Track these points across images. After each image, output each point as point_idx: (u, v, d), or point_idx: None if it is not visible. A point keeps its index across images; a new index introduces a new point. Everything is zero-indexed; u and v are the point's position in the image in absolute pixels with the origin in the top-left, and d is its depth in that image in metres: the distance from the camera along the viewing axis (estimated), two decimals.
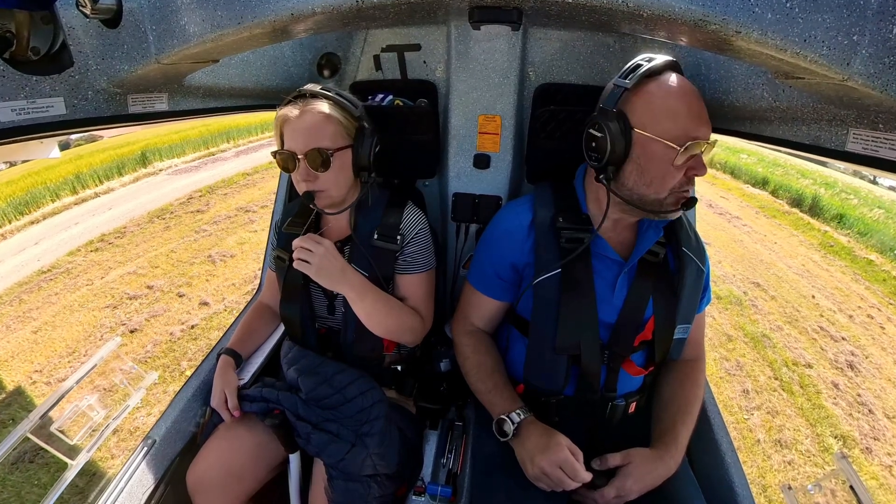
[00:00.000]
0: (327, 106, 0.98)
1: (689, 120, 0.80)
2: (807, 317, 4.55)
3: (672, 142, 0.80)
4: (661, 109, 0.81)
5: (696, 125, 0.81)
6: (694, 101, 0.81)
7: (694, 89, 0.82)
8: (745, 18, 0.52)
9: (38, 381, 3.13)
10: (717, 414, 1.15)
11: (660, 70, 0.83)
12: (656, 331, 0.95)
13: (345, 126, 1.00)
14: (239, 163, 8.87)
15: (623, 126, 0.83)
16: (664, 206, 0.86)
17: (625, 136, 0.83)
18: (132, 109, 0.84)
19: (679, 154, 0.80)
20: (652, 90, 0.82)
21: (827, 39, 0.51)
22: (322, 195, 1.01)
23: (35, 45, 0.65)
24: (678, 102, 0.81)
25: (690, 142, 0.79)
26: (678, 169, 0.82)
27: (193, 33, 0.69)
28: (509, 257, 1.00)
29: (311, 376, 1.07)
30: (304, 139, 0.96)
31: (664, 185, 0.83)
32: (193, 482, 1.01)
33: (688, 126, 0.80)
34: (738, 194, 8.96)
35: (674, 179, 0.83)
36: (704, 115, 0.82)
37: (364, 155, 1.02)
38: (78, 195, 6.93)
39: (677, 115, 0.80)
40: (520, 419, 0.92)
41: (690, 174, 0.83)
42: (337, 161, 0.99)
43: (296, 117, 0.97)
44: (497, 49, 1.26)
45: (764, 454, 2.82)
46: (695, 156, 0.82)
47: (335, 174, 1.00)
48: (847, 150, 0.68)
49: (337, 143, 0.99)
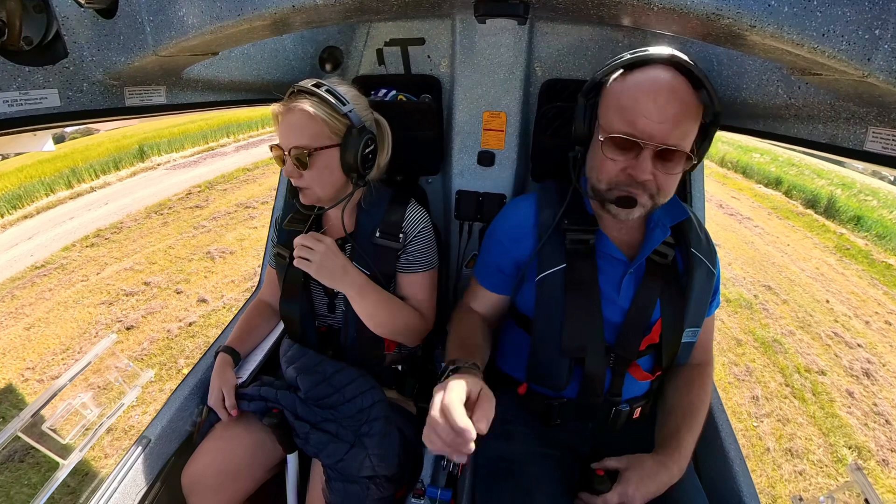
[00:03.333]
0: (311, 104, 0.98)
1: (635, 117, 0.79)
2: (820, 322, 4.51)
3: (606, 133, 0.83)
4: (613, 102, 0.84)
5: (641, 125, 0.79)
6: (659, 100, 0.78)
7: (673, 90, 0.79)
8: (760, 12, 0.51)
9: (31, 378, 3.15)
10: (725, 420, 1.15)
11: (641, 63, 0.83)
12: (664, 334, 0.94)
13: (330, 125, 0.99)
14: (239, 158, 8.90)
15: (588, 113, 0.89)
16: (607, 198, 0.87)
17: (587, 123, 0.89)
18: (129, 102, 0.84)
19: (602, 145, 0.83)
20: (617, 82, 0.85)
21: (847, 34, 0.50)
22: (306, 192, 1.03)
23: (27, 35, 0.65)
24: (631, 98, 0.80)
25: (616, 135, 0.81)
26: (612, 162, 0.84)
27: (192, 25, 0.69)
28: (512, 254, 1.00)
29: (310, 375, 1.07)
30: (289, 136, 0.99)
31: (602, 175, 0.87)
32: (189, 482, 1.02)
33: (631, 122, 0.80)
34: (750, 194, 8.90)
35: (609, 172, 0.85)
36: (669, 118, 0.78)
37: (351, 156, 1.00)
38: (73, 189, 6.98)
39: (625, 109, 0.81)
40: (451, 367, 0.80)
41: (627, 172, 0.83)
42: (319, 160, 0.99)
43: (283, 114, 0.99)
44: (503, 43, 1.25)
45: (774, 463, 2.80)
46: (637, 155, 0.81)
47: (318, 173, 1.01)
48: (866, 150, 0.67)
49: (319, 143, 0.99)
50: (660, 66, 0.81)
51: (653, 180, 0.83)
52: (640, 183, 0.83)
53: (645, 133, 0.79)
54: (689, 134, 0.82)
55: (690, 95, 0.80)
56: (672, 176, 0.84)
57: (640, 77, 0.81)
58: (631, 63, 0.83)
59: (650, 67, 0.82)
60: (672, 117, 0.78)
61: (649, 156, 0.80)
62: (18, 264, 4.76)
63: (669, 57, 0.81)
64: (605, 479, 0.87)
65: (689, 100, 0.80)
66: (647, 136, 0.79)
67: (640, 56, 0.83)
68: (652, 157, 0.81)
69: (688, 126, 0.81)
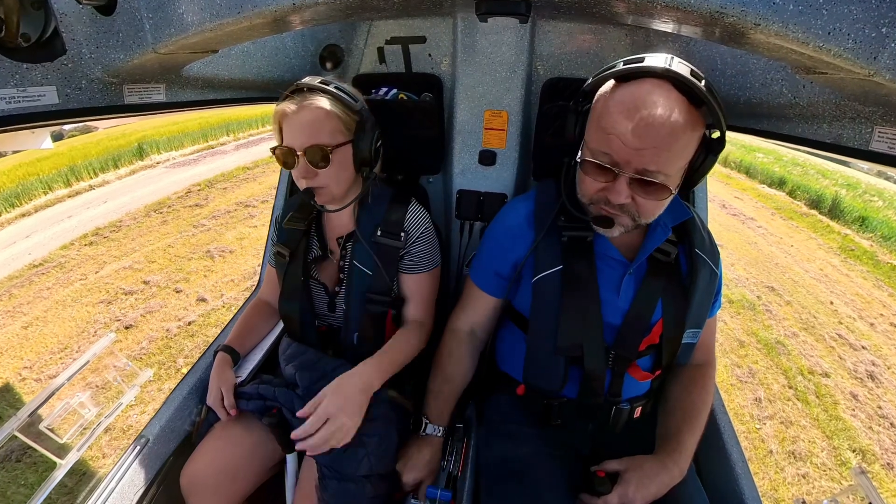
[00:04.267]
0: (326, 101, 0.98)
1: (611, 141, 0.76)
2: (824, 324, 4.51)
3: (588, 152, 0.82)
4: (596, 118, 0.81)
5: (617, 149, 0.75)
6: (640, 125, 0.72)
7: (660, 113, 0.72)
8: (764, 10, 0.51)
9: (28, 377, 3.15)
10: (727, 422, 1.15)
11: (633, 75, 0.77)
12: (664, 334, 0.94)
13: (344, 121, 1.00)
14: (239, 156, 8.92)
15: (579, 121, 0.87)
16: (589, 214, 0.87)
17: (578, 131, 0.87)
18: (128, 100, 0.84)
19: (580, 166, 0.82)
20: (604, 96, 0.80)
21: (853, 32, 0.50)
22: (322, 192, 1.01)
23: (25, 32, 0.65)
24: (612, 121, 0.76)
25: (591, 160, 0.79)
26: (593, 182, 0.82)
27: (191, 22, 0.69)
28: (511, 255, 1.00)
29: (309, 372, 1.07)
30: (303, 136, 0.96)
31: (583, 190, 0.86)
32: (187, 482, 1.02)
33: (606, 145, 0.77)
34: (753, 195, 8.90)
35: (588, 189, 0.84)
36: (650, 144, 0.73)
37: (365, 150, 1.02)
38: (72, 187, 7.00)
39: (603, 131, 0.77)
40: (429, 432, 1.04)
41: (602, 193, 0.82)
42: (336, 157, 0.99)
43: (294, 113, 0.97)
44: (504, 42, 1.25)
45: (777, 466, 2.80)
46: (614, 178, 0.78)
47: (335, 171, 1.00)
48: (871, 150, 0.67)
49: (336, 140, 0.99)
50: (653, 81, 0.75)
51: (632, 203, 0.80)
52: (618, 205, 0.81)
53: (621, 159, 0.76)
54: (677, 158, 0.76)
55: (686, 115, 0.73)
56: (654, 202, 0.80)
57: (627, 95, 0.75)
58: (624, 74, 0.78)
59: (643, 81, 0.75)
60: (654, 143, 0.73)
61: (625, 181, 0.77)
62: (16, 263, 4.77)
63: (664, 71, 0.74)
64: (605, 480, 0.88)
65: (685, 120, 0.73)
66: (622, 162, 0.76)
67: (633, 68, 0.77)
68: (629, 182, 0.78)
69: (675, 151, 0.75)
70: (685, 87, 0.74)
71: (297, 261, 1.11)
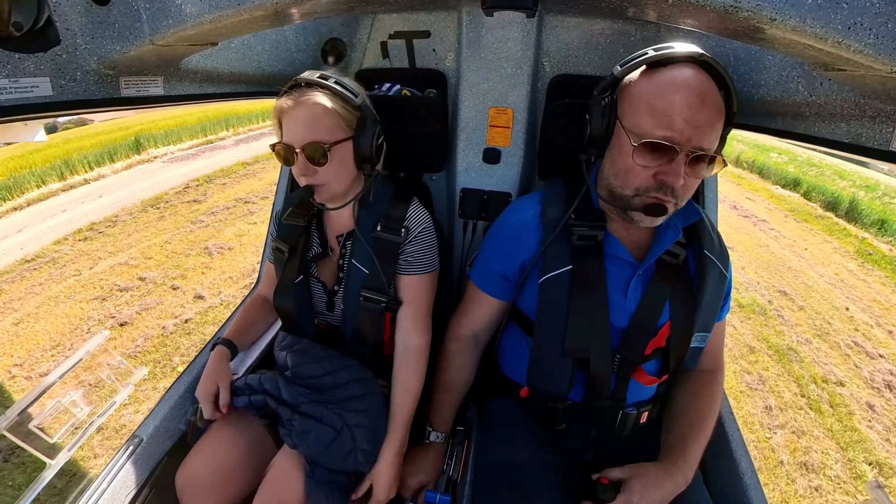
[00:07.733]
0: (325, 97, 0.98)
1: (669, 119, 0.77)
2: (839, 330, 4.47)
3: (638, 136, 0.80)
4: (641, 101, 0.81)
5: (679, 128, 0.76)
6: (693, 102, 0.76)
7: (706, 92, 0.77)
8: (781, 4, 0.51)
9: (18, 375, 3.16)
10: (735, 430, 1.14)
11: (669, 61, 0.80)
12: (671, 338, 0.94)
13: (344, 117, 0.99)
14: (238, 152, 8.95)
15: (607, 113, 0.85)
16: (631, 205, 0.86)
17: (606, 124, 0.85)
18: (125, 93, 0.84)
19: (635, 151, 0.80)
20: (643, 80, 0.82)
21: (875, 27, 0.49)
22: (322, 189, 1.01)
23: (17, 21, 0.64)
24: (664, 98, 0.77)
25: (653, 140, 0.78)
26: (643, 168, 0.81)
27: (190, 14, 0.69)
28: (517, 256, 1.00)
29: (301, 356, 1.08)
30: (301, 132, 0.96)
31: (628, 181, 0.84)
32: (182, 483, 1.02)
33: (666, 125, 0.77)
34: (766, 196, 8.84)
35: (638, 178, 0.83)
36: (704, 121, 0.77)
37: (366, 147, 1.01)
38: (66, 181, 7.02)
39: (655, 111, 0.78)
40: (433, 439, 1.13)
41: (659, 178, 0.81)
42: (336, 154, 0.99)
43: (292, 108, 0.97)
44: (510, 37, 1.25)
45: (788, 477, 2.78)
46: (671, 160, 0.78)
47: (335, 168, 1.00)
48: (892, 150, 0.66)
49: (335, 136, 0.98)
50: (687, 65, 0.79)
51: (680, 186, 0.81)
52: (670, 188, 0.81)
53: (683, 136, 0.77)
54: (716, 137, 0.80)
55: (718, 97, 0.78)
56: (697, 180, 0.83)
57: (672, 76, 0.79)
58: (656, 60, 0.81)
59: (677, 66, 0.79)
60: (706, 120, 0.77)
61: (684, 160, 0.78)
62: (7, 258, 4.78)
63: (698, 55, 0.78)
64: (608, 487, 0.88)
65: (718, 101, 0.78)
66: (685, 139, 0.77)
67: (667, 53, 0.80)
68: (686, 161, 0.78)
69: (718, 129, 0.79)
70: (713, 71, 0.79)
71: (296, 257, 1.11)
